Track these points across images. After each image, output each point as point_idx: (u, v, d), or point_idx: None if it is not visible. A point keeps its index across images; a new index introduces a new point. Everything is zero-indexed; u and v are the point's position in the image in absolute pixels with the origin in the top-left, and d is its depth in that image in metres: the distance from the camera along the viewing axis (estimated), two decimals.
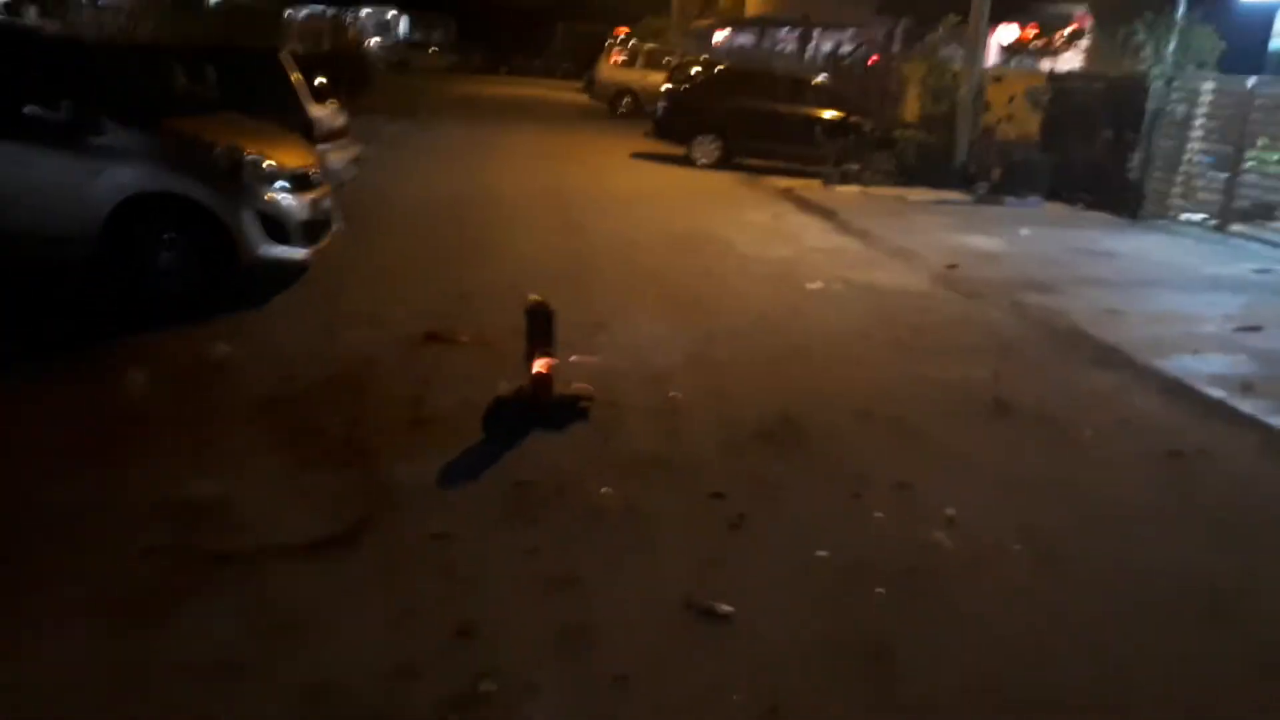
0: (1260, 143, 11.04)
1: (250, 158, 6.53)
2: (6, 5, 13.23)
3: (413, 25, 52.00)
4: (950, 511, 4.04)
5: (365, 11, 45.25)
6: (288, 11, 29.24)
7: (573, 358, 5.34)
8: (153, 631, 2.98)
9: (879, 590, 3.45)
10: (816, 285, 8.09)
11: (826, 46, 26.34)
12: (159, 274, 6.33)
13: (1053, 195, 13.45)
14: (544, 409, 4.67)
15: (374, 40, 40.58)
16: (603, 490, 4.04)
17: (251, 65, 9.34)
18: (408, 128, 17.90)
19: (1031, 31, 19.22)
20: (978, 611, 3.39)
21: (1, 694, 2.68)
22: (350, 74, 18.36)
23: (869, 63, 21.92)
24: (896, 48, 21.84)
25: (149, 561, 3.35)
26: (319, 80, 10.25)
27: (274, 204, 6.55)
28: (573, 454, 4.40)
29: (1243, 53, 13.40)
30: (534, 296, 4.85)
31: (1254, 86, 11.13)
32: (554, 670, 2.90)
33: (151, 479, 3.93)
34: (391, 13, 50.98)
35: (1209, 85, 11.85)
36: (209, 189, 6.33)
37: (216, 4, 23.31)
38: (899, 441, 4.86)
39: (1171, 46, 12.32)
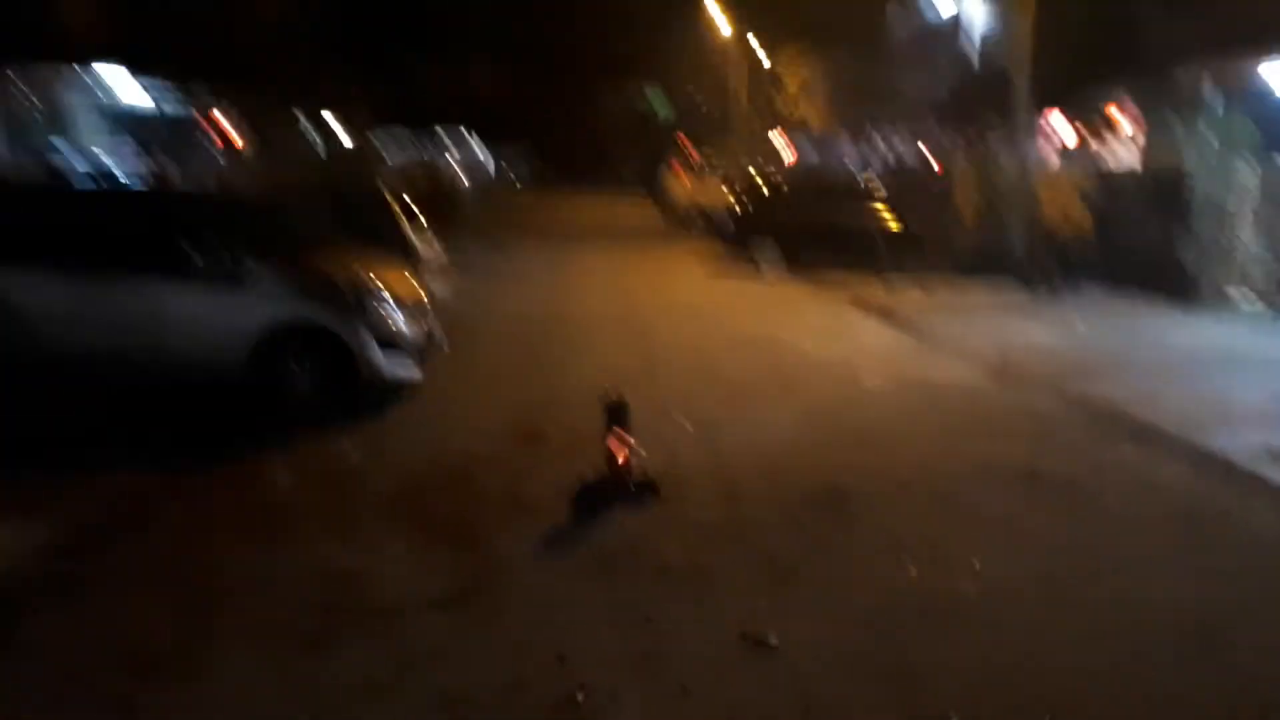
0: None
1: (369, 289, 7.68)
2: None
3: (497, 160, 55.44)
4: (973, 561, 4.67)
5: (453, 151, 48.59)
6: (388, 155, 31.82)
7: (643, 447, 6.16)
8: (315, 661, 3.83)
9: (903, 625, 4.10)
10: (873, 383, 8.81)
11: (888, 153, 27.43)
12: (295, 392, 7.43)
13: (1109, 287, 13.93)
14: (622, 489, 5.48)
15: (462, 176, 43.44)
16: (672, 563, 4.80)
17: (366, 206, 10.72)
18: (496, 255, 19.41)
19: (1084, 132, 19.96)
20: (988, 639, 4.01)
21: (204, 700, 3.54)
22: (443, 209, 20.06)
23: (937, 169, 22.88)
24: (958, 153, 22.78)
25: (309, 612, 4.23)
26: (419, 215, 11.60)
27: (391, 329, 7.65)
28: (647, 524, 5.19)
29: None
30: (610, 393, 5.71)
31: None
32: (631, 684, 3.64)
33: (306, 553, 4.86)
34: (477, 150, 54.49)
35: (1250, 173, 12.37)
36: (336, 317, 7.47)
37: (328, 154, 25.75)
38: (935, 507, 5.52)
39: (1213, 138, 12.91)
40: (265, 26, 23.04)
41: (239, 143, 21.60)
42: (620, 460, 5.50)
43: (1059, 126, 21.14)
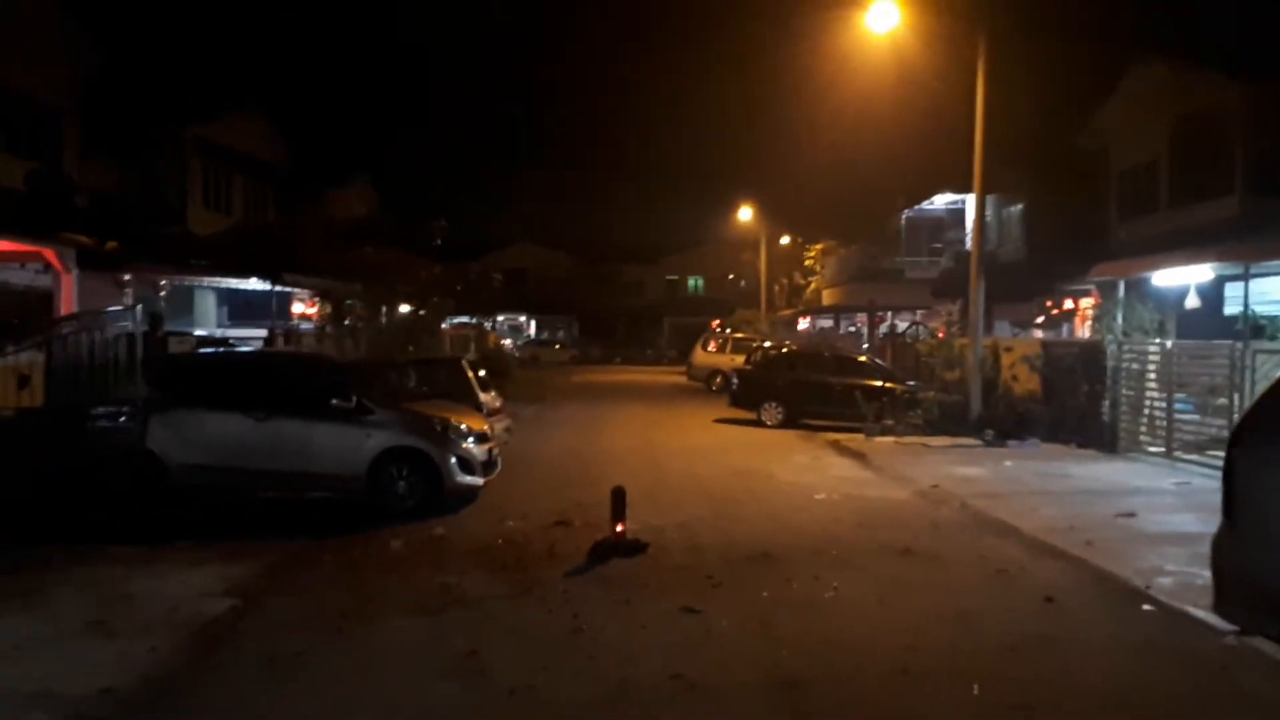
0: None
1: (452, 423, 10.82)
2: (266, 339, 18.89)
3: (540, 327, 60.27)
4: (835, 586, 7.46)
5: (501, 318, 53.22)
6: (443, 323, 35.82)
7: (642, 530, 9.07)
8: (435, 618, 6.69)
9: (784, 609, 6.88)
10: (821, 496, 11.67)
11: (887, 328, 30.80)
12: (397, 495, 10.44)
13: (1050, 438, 16.70)
14: (621, 548, 8.35)
15: (509, 341, 47.69)
16: (648, 581, 7.65)
17: (443, 368, 14.09)
18: (540, 408, 22.74)
19: (1040, 317, 23.26)
20: (837, 623, 6.76)
21: (374, 635, 6.42)
22: (493, 369, 23.53)
23: (939, 335, 26.10)
24: (954, 327, 26.05)
25: (430, 598, 7.11)
26: (483, 376, 14.93)
27: (465, 451, 10.73)
28: (636, 565, 8.06)
29: (1205, 317, 16.94)
30: (618, 487, 8.67)
31: (1172, 347, 14.59)
32: (614, 626, 6.45)
33: (419, 576, 7.78)
34: (523, 317, 59.36)
35: (1152, 347, 15.34)
36: (429, 442, 10.57)
37: (388, 323, 29.46)
38: (829, 563, 8.31)
39: (1119, 319, 15.98)
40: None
41: (316, 316, 25.51)
42: (619, 528, 8.41)
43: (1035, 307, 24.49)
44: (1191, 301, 16.04)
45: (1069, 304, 22.70)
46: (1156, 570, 7.95)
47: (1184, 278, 15.88)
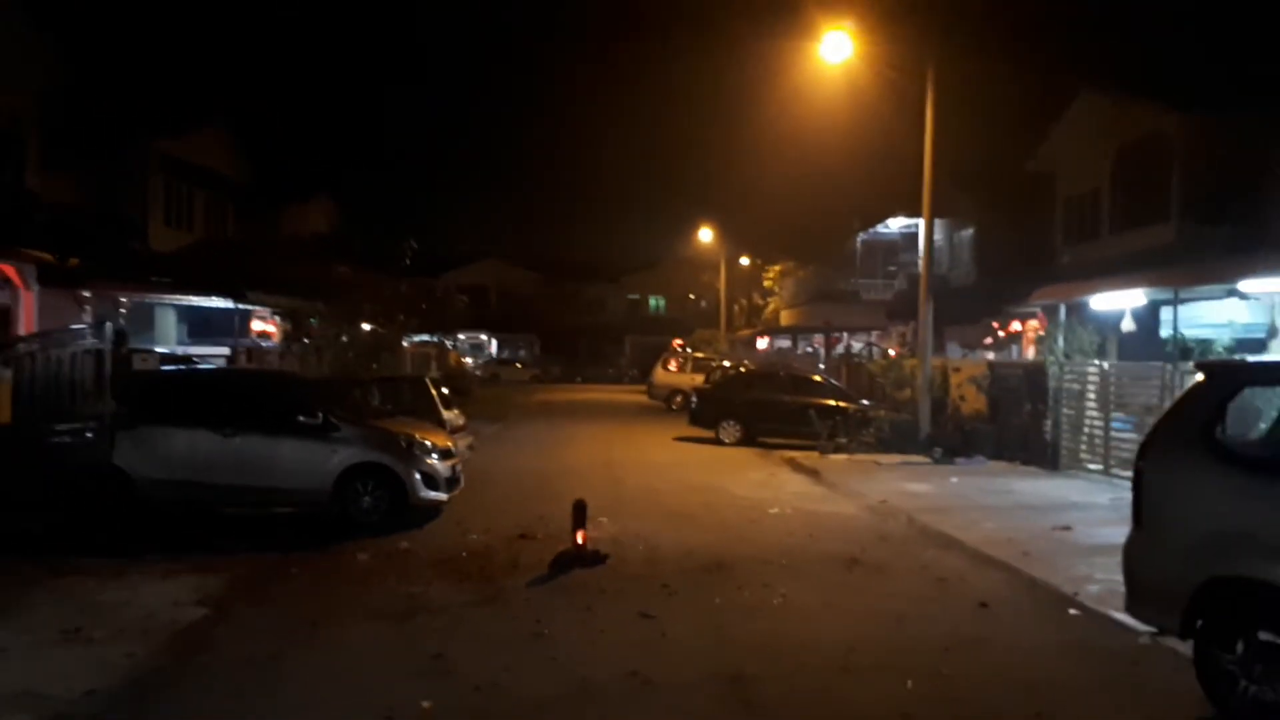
0: None
1: (416, 440, 11.11)
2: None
3: (501, 345, 60.39)
4: (783, 593, 7.88)
5: (462, 336, 53.26)
6: (404, 340, 35.93)
7: (606, 537, 9.43)
8: (402, 625, 7.00)
9: (733, 612, 7.28)
10: (775, 510, 12.12)
11: (842, 348, 31.50)
12: (363, 510, 10.69)
13: (996, 456, 17.34)
14: (583, 558, 8.70)
15: (470, 359, 47.81)
16: (607, 588, 8.02)
17: (407, 385, 14.38)
18: (501, 426, 23.01)
19: (988, 339, 24.06)
20: (782, 623, 7.18)
21: (343, 639, 6.72)
22: (455, 387, 23.76)
23: (892, 355, 26.82)
24: (906, 348, 26.79)
25: (395, 606, 7.41)
26: (445, 393, 15.22)
27: (430, 467, 11.02)
28: (596, 575, 8.42)
29: (1143, 340, 17.70)
30: (578, 498, 9.04)
31: (1109, 369, 15.30)
32: (575, 629, 6.81)
33: (385, 587, 8.07)
34: (484, 335, 59.39)
35: (1091, 368, 16.04)
36: (393, 458, 10.85)
37: (350, 340, 29.56)
38: (778, 572, 8.73)
39: (1060, 341, 16.69)
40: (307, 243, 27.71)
41: (276, 334, 25.57)
42: (580, 539, 8.77)
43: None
44: (1127, 325, 16.79)
45: (1016, 326, 23.48)
46: (1086, 579, 8.48)
47: (1120, 302, 16.62)
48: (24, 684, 5.67)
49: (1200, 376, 6.06)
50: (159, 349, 19.94)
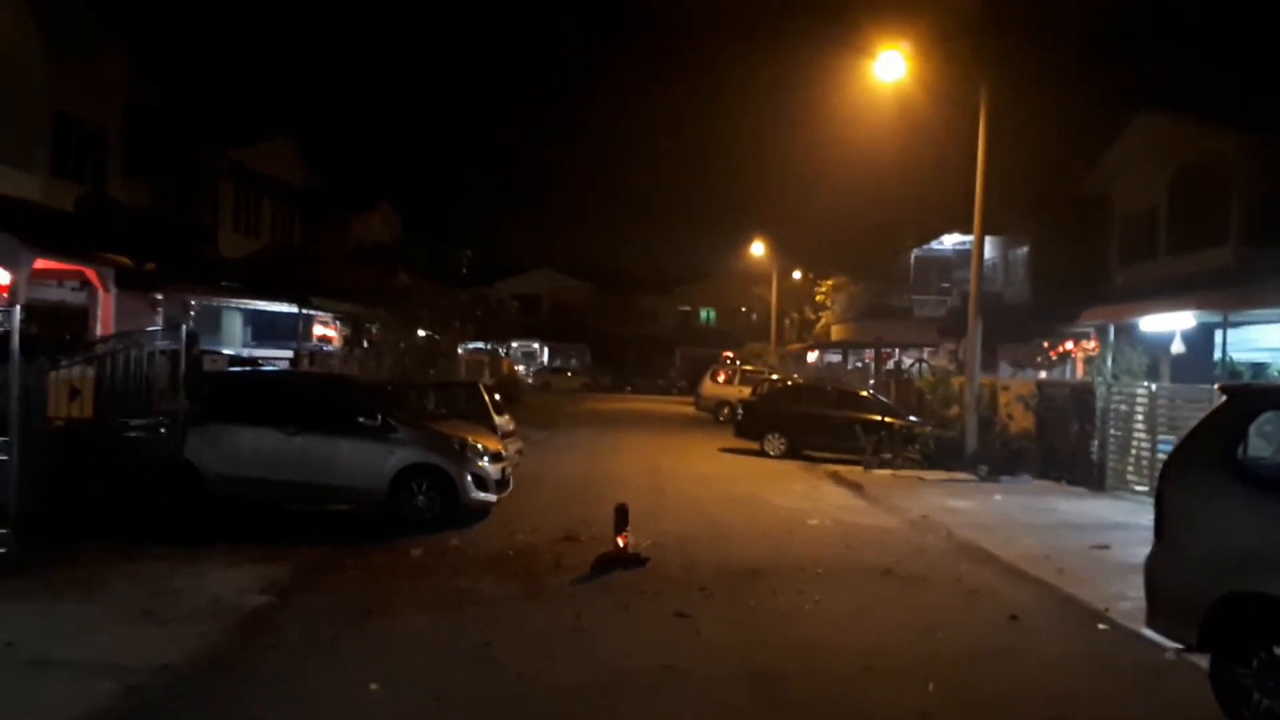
0: None
1: (469, 443, 11.58)
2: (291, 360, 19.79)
3: (552, 354, 61.16)
4: (817, 599, 8.15)
5: (515, 344, 54.09)
6: (459, 347, 36.74)
7: (646, 542, 9.77)
8: (452, 615, 7.42)
9: (767, 615, 7.57)
10: (814, 521, 12.34)
11: (893, 363, 31.45)
12: (416, 509, 11.18)
13: (1042, 475, 17.31)
14: (624, 560, 9.06)
15: (522, 367, 48.56)
16: (646, 589, 8.36)
17: (462, 391, 14.89)
18: (551, 433, 23.48)
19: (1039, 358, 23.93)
20: (816, 629, 7.45)
21: (386, 637, 7.15)
22: (507, 394, 24.33)
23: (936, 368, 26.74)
24: (954, 363, 26.68)
25: (437, 604, 7.84)
26: (498, 399, 15.71)
27: (481, 469, 11.48)
28: (636, 576, 8.77)
29: (1196, 362, 17.56)
30: (619, 503, 9.40)
31: (1157, 390, 15.25)
32: (613, 624, 7.16)
33: (436, 581, 8.51)
34: (535, 344, 60.24)
35: (1140, 390, 15.98)
36: (447, 460, 11.32)
37: (407, 346, 30.31)
38: (812, 579, 8.99)
39: (1109, 361, 16.63)
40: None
41: (337, 339, 26.39)
42: (622, 542, 9.13)
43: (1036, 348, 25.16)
44: (1177, 347, 16.68)
45: (1068, 345, 23.33)
46: (1118, 595, 8.58)
47: (1170, 324, 16.54)
48: (108, 656, 6.18)
49: (1223, 399, 6.22)
50: (226, 351, 20.84)
